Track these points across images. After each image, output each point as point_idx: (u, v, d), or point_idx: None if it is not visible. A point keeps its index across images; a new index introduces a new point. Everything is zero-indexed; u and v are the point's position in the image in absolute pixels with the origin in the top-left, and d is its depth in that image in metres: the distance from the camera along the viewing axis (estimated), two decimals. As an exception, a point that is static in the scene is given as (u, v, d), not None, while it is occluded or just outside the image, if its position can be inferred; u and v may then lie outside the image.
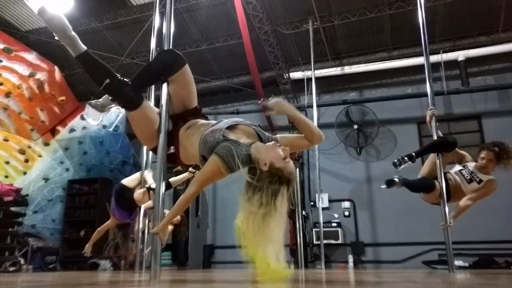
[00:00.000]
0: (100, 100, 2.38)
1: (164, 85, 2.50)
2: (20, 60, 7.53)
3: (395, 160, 3.81)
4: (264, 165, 1.89)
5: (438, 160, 3.75)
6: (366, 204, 8.11)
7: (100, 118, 2.40)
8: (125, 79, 2.27)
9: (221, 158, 1.95)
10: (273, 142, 2.05)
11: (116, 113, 8.87)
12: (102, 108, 2.38)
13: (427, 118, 3.93)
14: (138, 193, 4.83)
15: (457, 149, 3.99)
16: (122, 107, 2.33)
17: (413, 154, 3.77)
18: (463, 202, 3.70)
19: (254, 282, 2.09)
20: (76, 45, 2.23)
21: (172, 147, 2.33)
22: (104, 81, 2.19)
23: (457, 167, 3.94)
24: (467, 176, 3.80)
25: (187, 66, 2.35)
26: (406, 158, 3.72)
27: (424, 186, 3.86)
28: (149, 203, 4.85)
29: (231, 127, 2.15)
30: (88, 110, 2.37)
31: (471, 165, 3.90)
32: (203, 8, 7.50)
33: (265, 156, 1.91)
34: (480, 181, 3.76)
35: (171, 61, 2.31)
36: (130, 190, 4.88)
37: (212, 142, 2.05)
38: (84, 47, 2.24)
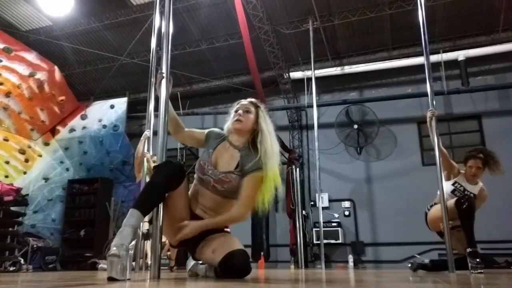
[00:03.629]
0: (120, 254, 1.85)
1: (163, 84, 2.50)
2: (20, 60, 7.54)
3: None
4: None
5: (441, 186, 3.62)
6: (366, 204, 8.12)
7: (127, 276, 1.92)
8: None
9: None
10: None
11: (115, 113, 8.88)
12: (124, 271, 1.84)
13: (427, 119, 3.91)
14: None
15: (452, 161, 3.85)
16: None
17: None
18: None
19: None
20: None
21: None
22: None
23: (448, 187, 3.74)
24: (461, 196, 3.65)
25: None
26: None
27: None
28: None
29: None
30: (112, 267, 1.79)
31: (460, 179, 3.81)
32: (203, 8, 7.50)
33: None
34: (474, 196, 3.73)
35: (177, 174, 2.14)
36: None
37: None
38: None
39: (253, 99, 2.45)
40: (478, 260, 3.32)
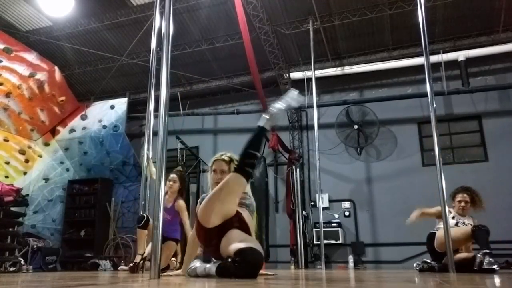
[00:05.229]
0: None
1: (164, 85, 2.50)
2: (20, 60, 7.54)
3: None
4: None
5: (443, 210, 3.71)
6: (366, 204, 8.11)
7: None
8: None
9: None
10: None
11: (115, 113, 8.89)
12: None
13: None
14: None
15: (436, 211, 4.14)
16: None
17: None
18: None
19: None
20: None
21: None
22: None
23: (450, 221, 4.06)
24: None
25: None
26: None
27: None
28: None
29: None
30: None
31: (455, 214, 4.19)
32: (203, 8, 7.50)
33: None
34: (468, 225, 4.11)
35: None
36: None
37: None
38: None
39: (226, 157, 2.85)
40: (493, 259, 3.60)
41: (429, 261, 4.20)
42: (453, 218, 4.16)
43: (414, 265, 4.35)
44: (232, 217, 2.53)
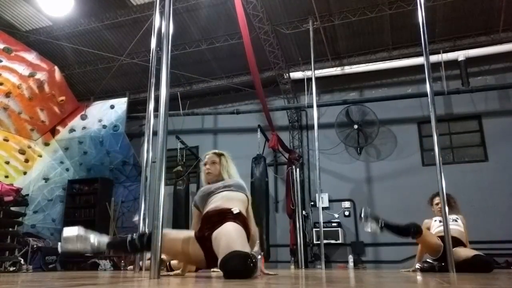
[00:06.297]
0: None
1: (164, 85, 2.50)
2: (20, 60, 7.53)
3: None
4: None
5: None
6: (366, 204, 8.10)
7: None
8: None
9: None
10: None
11: (115, 113, 8.89)
12: None
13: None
14: None
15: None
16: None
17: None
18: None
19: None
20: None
21: None
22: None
23: (437, 224, 4.38)
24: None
25: None
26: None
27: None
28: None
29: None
30: None
31: (437, 217, 4.40)
32: (203, 8, 7.50)
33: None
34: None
35: None
36: None
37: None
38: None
39: (216, 150, 3.08)
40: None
41: (430, 260, 4.21)
42: (435, 221, 4.43)
43: (417, 265, 4.36)
44: (199, 229, 2.65)
